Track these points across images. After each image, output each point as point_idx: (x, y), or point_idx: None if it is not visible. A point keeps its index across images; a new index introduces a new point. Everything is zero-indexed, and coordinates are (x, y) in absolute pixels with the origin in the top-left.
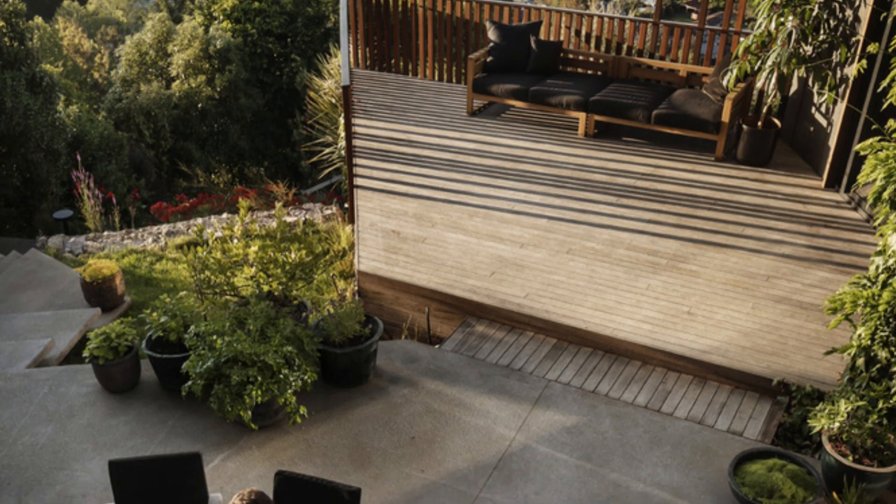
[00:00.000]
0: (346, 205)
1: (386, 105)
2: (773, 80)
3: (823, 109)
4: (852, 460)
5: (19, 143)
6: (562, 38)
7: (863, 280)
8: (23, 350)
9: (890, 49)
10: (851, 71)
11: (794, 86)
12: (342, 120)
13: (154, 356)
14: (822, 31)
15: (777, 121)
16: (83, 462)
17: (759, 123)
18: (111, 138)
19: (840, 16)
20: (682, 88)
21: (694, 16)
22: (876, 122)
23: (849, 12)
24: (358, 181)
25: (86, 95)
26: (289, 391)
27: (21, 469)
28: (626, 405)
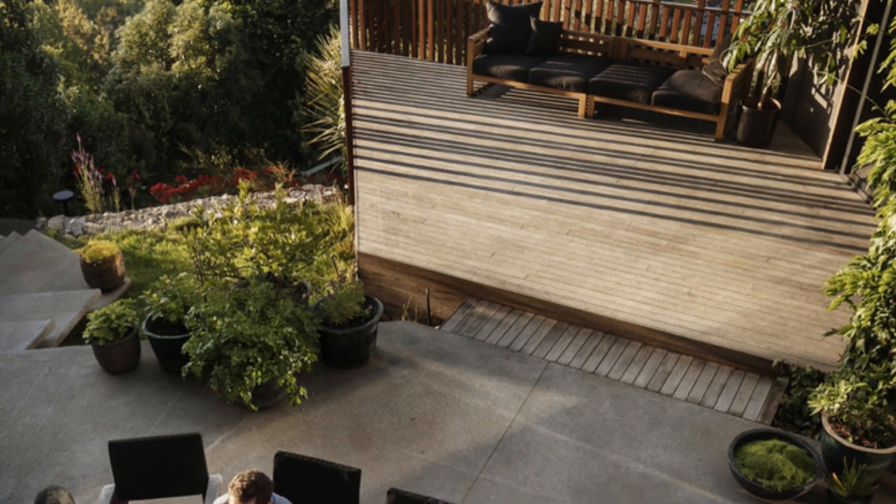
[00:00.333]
0: (346, 186)
1: (386, 86)
2: (773, 62)
3: (823, 90)
4: (852, 441)
5: (19, 125)
6: (562, 20)
7: (863, 261)
8: (23, 331)
9: (890, 30)
10: (851, 52)
11: (794, 67)
12: (342, 101)
13: (154, 337)
14: (822, 12)
15: (777, 102)
16: (83, 443)
17: (759, 104)
18: (111, 119)
19: None
20: (682, 69)
21: None
22: (876, 104)
23: None
24: (358, 162)
25: (86, 77)
26: (289, 372)
27: (21, 450)
28: (626, 386)
